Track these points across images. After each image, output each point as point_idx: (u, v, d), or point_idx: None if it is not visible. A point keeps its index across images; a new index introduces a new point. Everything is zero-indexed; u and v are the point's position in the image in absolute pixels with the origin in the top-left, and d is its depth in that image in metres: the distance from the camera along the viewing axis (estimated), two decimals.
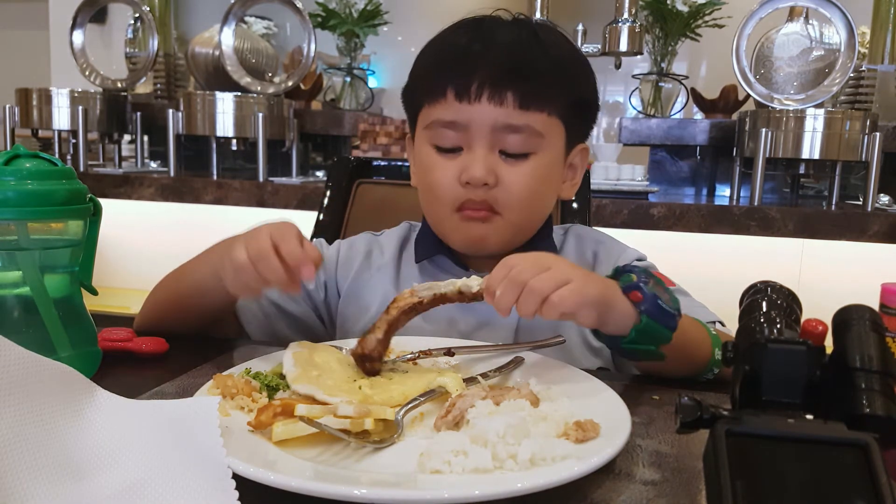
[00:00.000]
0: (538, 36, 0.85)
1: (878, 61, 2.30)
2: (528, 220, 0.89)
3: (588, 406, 0.59)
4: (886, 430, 0.49)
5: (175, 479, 0.46)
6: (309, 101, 2.75)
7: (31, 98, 2.46)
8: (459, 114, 0.83)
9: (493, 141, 0.83)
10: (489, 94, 0.82)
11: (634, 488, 0.50)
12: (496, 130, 0.82)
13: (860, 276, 1.89)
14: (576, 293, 0.64)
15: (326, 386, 0.60)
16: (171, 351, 0.78)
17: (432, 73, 0.87)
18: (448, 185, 0.85)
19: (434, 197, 0.87)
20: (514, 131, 0.83)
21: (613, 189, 2.09)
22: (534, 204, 0.87)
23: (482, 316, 0.87)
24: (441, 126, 0.85)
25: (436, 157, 0.86)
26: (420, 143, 0.89)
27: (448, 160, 0.85)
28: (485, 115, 0.82)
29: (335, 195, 1.28)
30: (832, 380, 0.54)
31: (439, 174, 0.85)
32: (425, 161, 0.88)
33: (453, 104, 0.83)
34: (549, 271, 0.64)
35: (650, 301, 0.67)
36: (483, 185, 0.82)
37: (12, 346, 0.48)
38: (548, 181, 0.88)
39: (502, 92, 0.81)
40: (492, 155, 0.83)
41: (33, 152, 0.66)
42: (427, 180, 0.88)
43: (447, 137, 0.85)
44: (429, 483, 0.48)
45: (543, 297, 0.63)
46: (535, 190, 0.85)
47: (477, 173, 0.82)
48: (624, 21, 2.05)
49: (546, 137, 0.84)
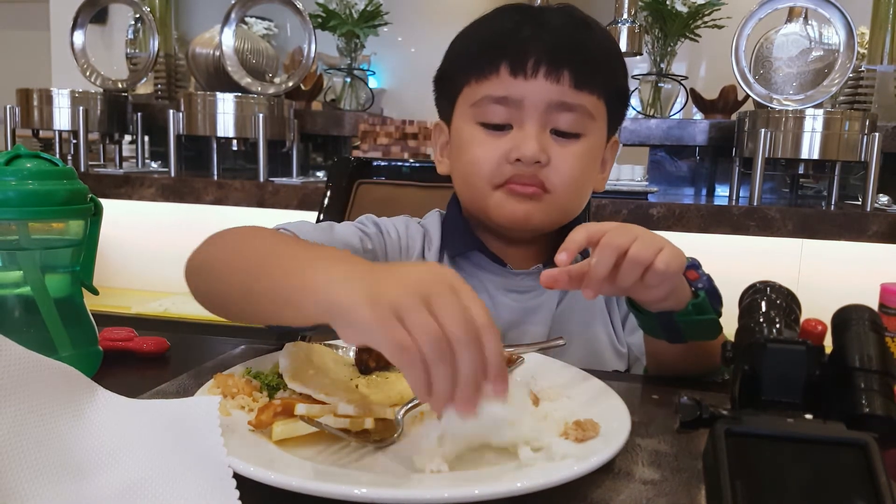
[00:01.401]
0: (587, 22, 0.86)
1: (877, 62, 2.30)
2: (574, 203, 0.88)
3: (588, 406, 0.59)
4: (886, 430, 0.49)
5: (175, 478, 0.46)
6: (309, 102, 2.75)
7: (32, 98, 2.46)
8: (513, 89, 0.82)
9: (546, 119, 0.82)
10: (546, 71, 0.81)
11: (634, 488, 0.50)
12: (550, 108, 0.82)
13: (860, 276, 1.89)
14: (675, 258, 0.64)
15: (323, 385, 0.60)
16: (171, 350, 0.78)
17: (484, 50, 0.85)
18: (493, 161, 0.83)
19: (476, 173, 0.85)
20: (567, 110, 0.82)
21: (613, 189, 2.08)
22: (581, 187, 0.87)
23: (514, 315, 0.88)
24: (492, 102, 0.83)
25: (481, 135, 0.85)
26: (461, 122, 0.87)
27: (494, 137, 0.84)
28: (540, 92, 0.81)
29: (335, 195, 1.28)
30: (832, 380, 0.54)
31: (484, 150, 0.84)
32: (468, 138, 0.86)
33: (507, 79, 0.82)
34: (640, 238, 0.64)
35: (706, 281, 0.71)
36: (535, 163, 0.81)
37: (13, 346, 0.48)
38: (594, 165, 0.88)
39: (559, 69, 0.81)
40: (543, 134, 0.83)
41: (34, 152, 0.66)
42: (468, 157, 0.85)
43: (497, 113, 0.83)
44: (429, 483, 0.48)
45: (646, 265, 0.63)
46: (583, 172, 0.85)
47: (530, 151, 0.81)
48: (623, 21, 2.05)
49: (595, 120, 0.85)
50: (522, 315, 0.89)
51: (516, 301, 0.90)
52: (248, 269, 0.63)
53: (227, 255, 0.68)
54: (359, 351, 0.67)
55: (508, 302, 0.89)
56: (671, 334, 0.72)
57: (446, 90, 0.91)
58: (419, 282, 0.47)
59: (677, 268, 0.64)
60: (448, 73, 0.90)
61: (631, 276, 0.64)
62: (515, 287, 0.90)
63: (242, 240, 0.69)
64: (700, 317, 0.70)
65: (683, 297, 0.69)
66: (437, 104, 0.94)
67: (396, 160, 1.38)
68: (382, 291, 0.47)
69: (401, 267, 0.51)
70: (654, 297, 0.68)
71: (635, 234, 0.64)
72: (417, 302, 0.46)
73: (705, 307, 0.70)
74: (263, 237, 0.69)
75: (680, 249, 0.67)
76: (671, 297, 0.68)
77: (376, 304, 0.46)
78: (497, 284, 0.90)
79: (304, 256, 0.58)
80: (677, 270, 0.65)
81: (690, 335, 0.71)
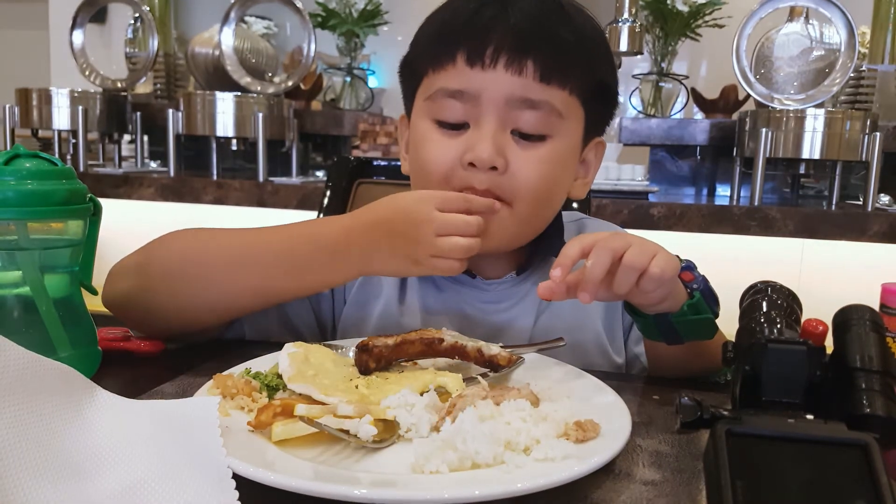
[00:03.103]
0: (563, 6, 0.76)
1: (878, 61, 2.29)
2: (537, 215, 0.79)
3: (588, 406, 0.59)
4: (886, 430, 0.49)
5: (175, 478, 0.46)
6: (309, 101, 2.75)
7: (31, 98, 2.46)
8: (470, 82, 0.73)
9: (505, 117, 0.73)
10: (507, 61, 0.72)
11: (634, 488, 0.50)
12: (511, 104, 0.73)
13: (860, 276, 1.89)
14: (669, 263, 0.63)
15: (323, 385, 0.59)
16: (169, 350, 0.78)
17: (441, 35, 0.77)
18: (445, 164, 0.74)
19: (426, 178, 0.76)
20: (531, 107, 0.73)
21: (613, 189, 2.08)
22: (545, 196, 0.77)
23: (491, 329, 0.84)
24: (446, 96, 0.74)
25: (435, 133, 0.76)
26: (417, 118, 0.79)
27: (449, 137, 0.75)
28: (499, 85, 0.72)
29: (335, 195, 1.28)
30: (832, 380, 0.54)
31: (436, 151, 0.75)
32: (422, 136, 0.77)
33: (463, 70, 0.73)
34: (634, 245, 0.63)
35: (701, 282, 0.70)
36: (490, 168, 0.73)
37: (12, 346, 0.48)
38: (563, 172, 0.78)
39: (522, 59, 0.72)
40: (502, 134, 0.74)
41: (33, 152, 0.66)
42: (421, 158, 0.77)
43: (452, 109, 0.74)
44: (429, 483, 0.48)
45: (641, 271, 0.62)
46: (548, 180, 0.75)
47: (484, 153, 0.72)
48: (624, 21, 2.05)
49: (565, 119, 0.75)
50: (498, 328, 0.83)
51: (490, 315, 0.84)
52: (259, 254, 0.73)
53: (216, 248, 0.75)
54: (359, 351, 0.67)
55: (482, 316, 0.84)
56: (668, 336, 0.71)
57: (408, 80, 0.82)
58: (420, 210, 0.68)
59: (672, 273, 0.64)
60: (409, 60, 0.82)
61: (626, 282, 0.63)
62: (488, 299, 0.84)
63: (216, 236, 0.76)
64: (696, 316, 0.69)
65: (679, 299, 0.69)
66: (403, 96, 0.85)
67: (396, 160, 1.38)
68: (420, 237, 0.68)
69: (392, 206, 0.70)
70: (651, 301, 0.68)
71: (629, 241, 0.63)
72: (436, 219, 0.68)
73: (701, 307, 0.69)
74: (231, 234, 0.75)
75: (673, 255, 0.66)
76: (667, 300, 0.68)
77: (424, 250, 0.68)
78: (468, 297, 0.84)
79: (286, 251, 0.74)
80: (672, 275, 0.64)
81: (687, 335, 0.71)
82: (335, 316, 0.90)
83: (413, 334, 0.68)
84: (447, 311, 0.84)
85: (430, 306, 0.85)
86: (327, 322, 0.90)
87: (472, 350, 0.68)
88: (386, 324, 0.85)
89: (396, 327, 0.84)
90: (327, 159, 2.82)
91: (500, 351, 0.68)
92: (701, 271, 0.73)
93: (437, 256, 0.68)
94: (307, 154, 2.76)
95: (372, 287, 0.88)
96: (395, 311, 0.86)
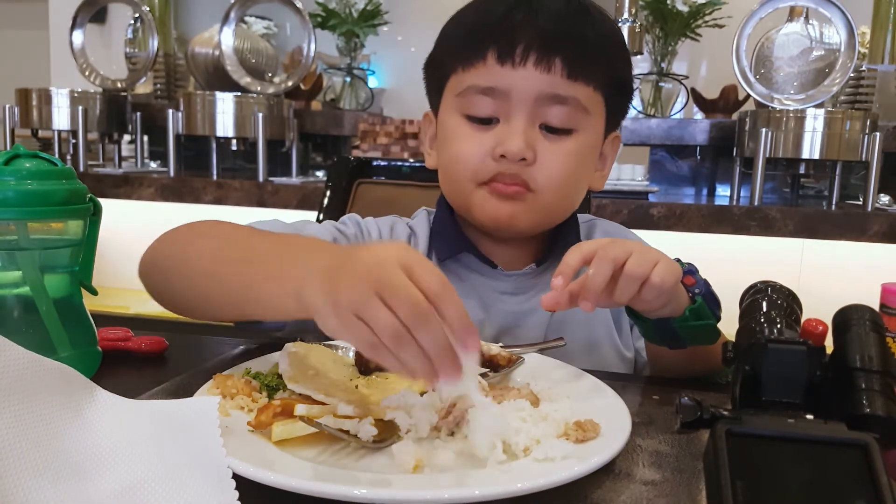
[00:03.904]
0: (587, 8, 0.80)
1: (878, 61, 2.30)
2: (561, 205, 0.83)
3: (588, 406, 0.59)
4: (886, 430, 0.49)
5: (175, 478, 0.46)
6: (309, 101, 2.75)
7: (31, 98, 2.46)
8: (500, 79, 0.76)
9: (534, 113, 0.77)
10: (536, 59, 0.75)
11: (634, 488, 0.50)
12: (540, 101, 0.76)
13: (860, 276, 1.88)
14: (670, 272, 0.63)
15: (323, 385, 0.59)
16: (170, 350, 0.78)
17: (470, 35, 0.79)
18: (477, 156, 0.78)
19: (459, 170, 0.80)
20: (559, 102, 0.77)
21: (613, 189, 2.08)
22: (570, 187, 0.81)
23: (509, 319, 0.85)
24: (477, 92, 0.78)
25: (466, 128, 0.79)
26: (447, 114, 0.82)
27: (479, 131, 0.78)
28: (529, 82, 0.76)
29: (335, 195, 1.28)
30: (832, 380, 0.54)
31: (468, 145, 0.79)
32: (452, 131, 0.80)
33: (493, 68, 0.76)
34: (635, 253, 0.63)
35: (703, 286, 0.70)
36: (520, 160, 0.76)
37: (12, 346, 0.48)
38: (586, 164, 0.82)
39: (551, 57, 0.75)
40: (531, 129, 0.77)
41: (33, 152, 0.66)
42: (452, 151, 0.80)
43: (483, 105, 0.78)
44: (429, 483, 0.48)
45: (643, 280, 0.62)
46: (573, 171, 0.80)
47: (515, 147, 0.75)
48: (624, 21, 2.05)
49: (590, 114, 0.79)
50: (517, 318, 0.85)
51: (509, 304, 0.86)
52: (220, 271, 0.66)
53: (200, 250, 0.70)
54: (358, 351, 0.67)
55: (502, 305, 0.86)
56: (670, 341, 0.71)
57: (434, 78, 0.86)
58: (369, 272, 0.49)
59: (673, 281, 0.64)
60: (436, 59, 0.85)
61: (628, 292, 0.63)
62: (508, 289, 0.87)
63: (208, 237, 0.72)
64: (698, 322, 0.69)
65: (681, 304, 0.69)
66: (427, 93, 0.88)
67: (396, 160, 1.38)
68: (340, 292, 0.49)
69: (354, 254, 0.53)
70: (653, 307, 0.68)
71: (630, 249, 0.63)
72: (371, 296, 0.48)
73: (703, 312, 0.69)
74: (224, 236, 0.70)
75: (675, 262, 0.66)
76: (669, 306, 0.68)
77: (338, 309, 0.49)
78: (489, 287, 0.87)
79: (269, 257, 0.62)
80: (673, 284, 0.64)
81: (689, 341, 0.71)
82: None
83: None
84: (466, 300, 0.84)
85: None
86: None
87: None
88: None
89: None
90: (327, 159, 2.82)
91: (500, 351, 0.68)
92: (701, 273, 0.73)
93: (357, 315, 0.49)
94: (307, 154, 2.76)
95: None
96: None
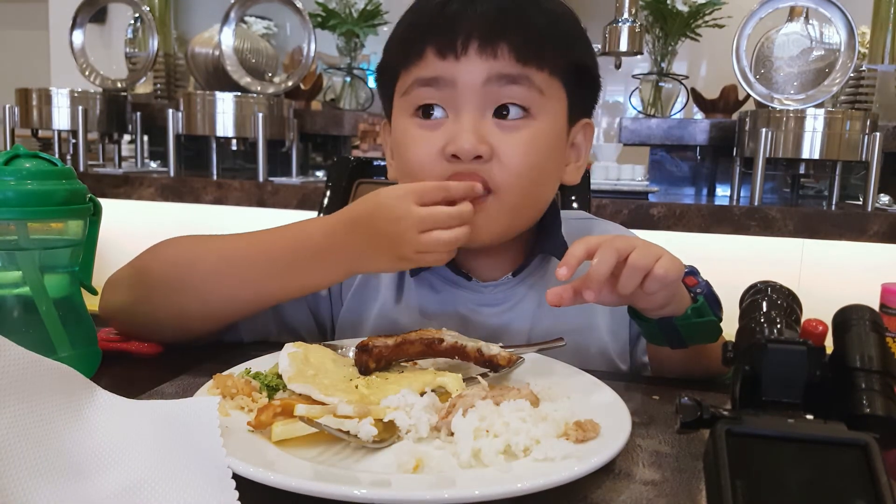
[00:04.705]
0: None
1: (878, 61, 2.29)
2: (528, 204, 0.77)
3: (588, 406, 0.59)
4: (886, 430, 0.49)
5: (175, 479, 0.46)
6: (309, 101, 2.75)
7: (31, 98, 2.45)
8: (443, 70, 0.72)
9: (484, 101, 0.72)
10: (478, 47, 0.71)
11: (634, 488, 0.50)
12: (489, 85, 0.71)
13: (860, 276, 1.89)
14: (674, 265, 0.63)
15: (323, 385, 0.59)
16: (169, 350, 0.78)
17: (408, 33, 0.76)
18: (428, 158, 0.73)
19: (413, 175, 0.74)
20: (511, 82, 0.72)
21: (613, 189, 2.09)
22: (534, 181, 0.75)
23: (487, 332, 0.83)
24: (420, 85, 0.73)
25: (414, 129, 0.75)
26: (397, 119, 0.78)
27: (429, 132, 0.73)
28: (474, 71, 0.71)
29: (335, 195, 1.28)
30: (832, 380, 0.54)
31: (418, 147, 0.74)
32: (402, 136, 0.76)
33: (433, 62, 0.72)
34: (639, 247, 0.63)
35: (705, 286, 0.70)
36: (475, 157, 0.71)
37: (12, 346, 0.48)
38: (550, 155, 0.76)
39: (495, 44, 0.71)
40: (482, 121, 0.72)
41: (33, 152, 0.66)
42: (406, 157, 0.75)
43: (428, 96, 0.73)
44: (428, 483, 0.48)
45: (646, 271, 0.62)
46: (535, 163, 0.73)
47: (466, 143, 0.70)
48: (624, 21, 2.05)
49: (547, 98, 0.74)
50: (496, 330, 0.82)
51: (487, 317, 0.83)
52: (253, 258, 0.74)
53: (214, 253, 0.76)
54: (359, 351, 0.67)
55: (479, 318, 0.83)
56: (672, 340, 0.71)
57: (384, 84, 0.82)
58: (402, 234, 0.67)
59: (676, 274, 0.64)
60: (383, 64, 0.81)
61: (631, 283, 0.63)
62: (485, 301, 0.83)
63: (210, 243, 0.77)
64: (700, 319, 0.69)
65: (683, 303, 0.69)
66: (381, 102, 0.85)
67: None
68: (398, 251, 0.68)
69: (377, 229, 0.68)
70: (655, 304, 0.68)
71: (633, 243, 0.64)
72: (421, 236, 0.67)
73: (705, 311, 0.69)
74: (220, 240, 0.76)
75: (677, 258, 0.66)
76: (671, 304, 0.68)
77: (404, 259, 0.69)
78: (465, 300, 0.83)
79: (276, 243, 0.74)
80: (676, 277, 0.64)
81: (691, 339, 0.71)
82: (333, 316, 0.90)
83: (413, 334, 0.68)
84: (443, 313, 0.84)
85: (427, 308, 0.85)
86: (326, 322, 0.90)
87: (472, 350, 0.68)
88: (382, 324, 0.85)
89: (393, 328, 0.84)
90: (327, 159, 2.82)
91: (500, 351, 0.68)
92: (702, 273, 0.73)
93: (422, 252, 0.68)
94: (307, 154, 2.76)
95: (369, 289, 0.88)
96: (391, 312, 0.86)
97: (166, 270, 0.76)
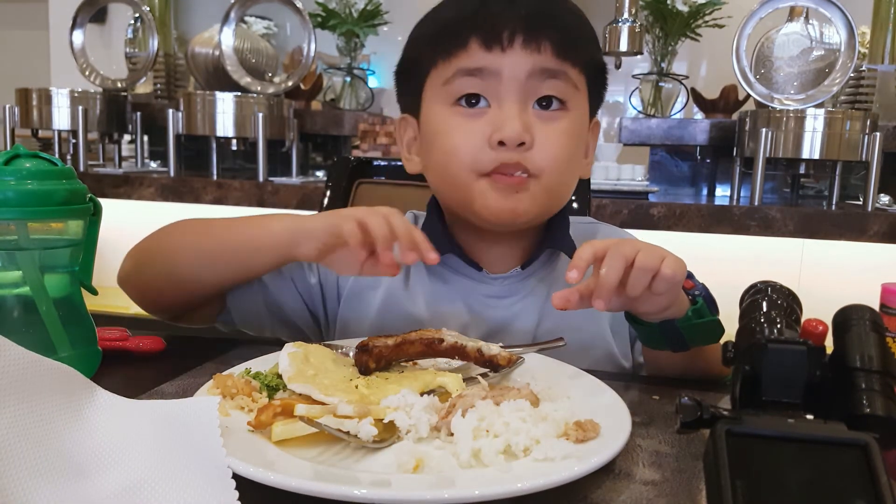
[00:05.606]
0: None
1: (878, 61, 2.29)
2: (561, 190, 0.82)
3: (588, 406, 0.59)
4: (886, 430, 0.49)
5: (175, 478, 0.46)
6: (309, 101, 2.75)
7: (31, 98, 2.45)
8: (489, 62, 0.75)
9: (527, 93, 0.76)
10: (524, 41, 0.75)
11: (634, 488, 0.50)
12: (532, 78, 0.75)
13: (860, 276, 1.89)
14: (679, 265, 0.65)
15: (323, 385, 0.59)
16: (169, 350, 0.78)
17: (449, 28, 0.78)
18: (475, 146, 0.76)
19: (455, 164, 0.77)
20: (552, 76, 0.76)
21: (613, 189, 2.08)
22: (568, 168, 0.80)
23: (495, 324, 0.84)
24: (465, 75, 0.76)
25: (457, 118, 0.77)
26: (432, 109, 0.80)
27: (471, 120, 0.76)
28: (519, 63, 0.75)
29: (335, 195, 1.28)
30: (832, 380, 0.54)
31: (462, 136, 0.76)
32: (441, 125, 0.78)
33: (478, 52, 0.75)
34: (643, 249, 0.65)
35: (702, 289, 0.72)
36: (519, 144, 0.75)
37: (12, 346, 0.48)
38: (579, 146, 0.82)
39: (538, 39, 0.75)
40: (525, 111, 0.76)
41: (33, 152, 0.66)
42: (446, 145, 0.78)
43: (473, 86, 0.76)
44: (428, 483, 0.48)
45: (654, 272, 0.64)
46: (570, 151, 0.79)
47: (512, 131, 0.74)
48: (624, 21, 2.05)
49: (580, 92, 0.80)
50: (503, 322, 0.84)
51: (495, 309, 0.84)
52: (215, 236, 0.81)
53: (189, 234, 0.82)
54: (359, 351, 0.67)
55: (487, 310, 0.84)
56: (674, 343, 0.72)
57: (410, 79, 0.83)
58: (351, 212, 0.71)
59: (682, 274, 0.65)
60: (410, 59, 0.83)
61: (640, 284, 0.64)
62: (494, 293, 0.85)
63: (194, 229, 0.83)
64: (701, 320, 0.70)
65: (683, 306, 0.70)
66: (401, 98, 0.87)
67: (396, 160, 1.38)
68: (337, 216, 0.72)
69: None
70: (659, 306, 0.68)
71: (638, 247, 0.65)
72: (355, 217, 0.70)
73: (704, 313, 0.70)
74: (210, 221, 0.82)
75: (680, 258, 0.67)
76: (672, 307, 0.69)
77: (339, 215, 0.71)
78: (474, 291, 0.85)
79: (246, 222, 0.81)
80: (682, 277, 0.65)
81: (694, 340, 0.71)
82: (326, 308, 0.89)
83: (413, 334, 0.68)
84: (452, 303, 0.85)
85: (435, 295, 0.85)
86: (318, 312, 0.89)
87: (472, 350, 0.68)
88: (389, 314, 0.85)
89: (399, 315, 0.84)
90: (327, 159, 2.82)
91: (500, 351, 0.68)
92: (702, 273, 0.73)
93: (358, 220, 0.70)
94: (307, 154, 2.76)
95: (372, 279, 0.87)
96: (399, 298, 0.86)
97: (152, 246, 0.83)
